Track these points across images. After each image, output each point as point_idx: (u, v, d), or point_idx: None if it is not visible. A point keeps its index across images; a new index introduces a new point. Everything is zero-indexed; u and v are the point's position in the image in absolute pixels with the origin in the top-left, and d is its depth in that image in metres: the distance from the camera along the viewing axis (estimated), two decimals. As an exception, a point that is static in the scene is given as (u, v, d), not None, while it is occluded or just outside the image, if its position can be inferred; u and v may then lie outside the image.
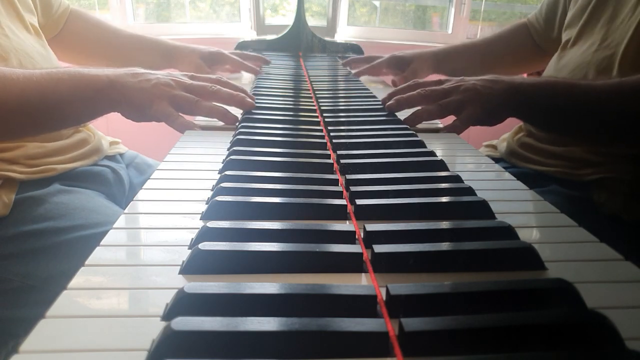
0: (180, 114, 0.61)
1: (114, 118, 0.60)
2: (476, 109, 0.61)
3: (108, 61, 0.98)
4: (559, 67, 0.74)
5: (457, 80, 0.64)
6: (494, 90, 0.61)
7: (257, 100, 0.72)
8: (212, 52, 0.98)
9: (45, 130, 0.63)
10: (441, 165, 0.47)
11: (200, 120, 0.65)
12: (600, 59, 0.66)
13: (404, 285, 0.25)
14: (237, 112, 0.65)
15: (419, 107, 0.64)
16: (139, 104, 0.58)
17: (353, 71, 1.06)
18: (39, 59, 0.68)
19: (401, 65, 1.02)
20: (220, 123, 0.63)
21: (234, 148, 0.49)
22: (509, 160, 0.77)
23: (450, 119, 0.65)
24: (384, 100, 0.68)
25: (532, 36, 0.93)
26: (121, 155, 0.81)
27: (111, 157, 0.77)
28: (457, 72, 1.04)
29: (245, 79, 1.04)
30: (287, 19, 1.87)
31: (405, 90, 0.66)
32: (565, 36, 0.78)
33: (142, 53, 0.98)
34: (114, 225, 0.34)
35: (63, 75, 0.57)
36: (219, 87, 0.63)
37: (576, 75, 0.69)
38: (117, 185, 0.73)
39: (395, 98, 0.66)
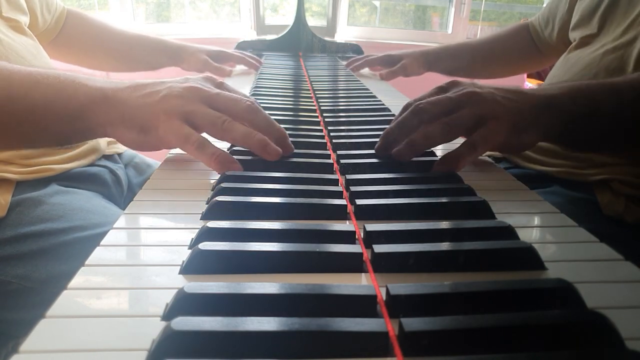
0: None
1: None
2: (501, 126, 0.45)
3: (111, 61, 0.99)
4: (567, 67, 0.74)
5: (465, 87, 0.49)
6: (520, 105, 0.47)
7: (257, 100, 0.72)
8: (217, 51, 1.06)
9: (14, 143, 0.50)
10: (441, 165, 0.47)
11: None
12: (610, 60, 0.65)
13: (404, 285, 0.25)
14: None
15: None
16: (140, 124, 0.44)
17: (349, 68, 1.10)
18: (30, 59, 0.67)
19: (392, 62, 1.05)
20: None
21: (234, 148, 0.49)
22: (511, 160, 0.77)
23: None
24: (382, 146, 0.49)
25: (532, 38, 0.94)
26: (119, 155, 0.81)
27: (109, 157, 0.77)
28: (450, 72, 1.07)
29: (246, 82, 1.04)
30: (287, 19, 1.87)
31: (405, 125, 0.48)
32: (572, 37, 0.78)
33: (146, 52, 1.00)
34: (114, 225, 0.34)
35: (47, 77, 0.45)
36: (257, 105, 0.47)
37: (585, 76, 0.68)
38: (115, 185, 0.73)
39: (406, 142, 0.46)
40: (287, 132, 0.49)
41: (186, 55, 1.02)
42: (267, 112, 0.65)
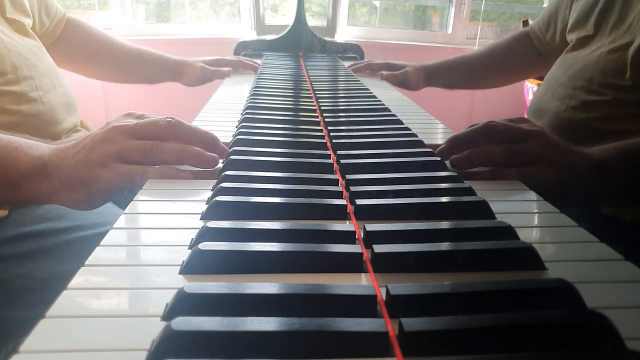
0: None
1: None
2: (553, 173, 0.46)
3: (109, 70, 1.01)
4: (564, 68, 0.74)
5: (535, 125, 0.50)
6: (577, 164, 0.47)
7: (257, 100, 0.72)
8: (214, 59, 1.09)
9: None
10: (441, 165, 0.47)
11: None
12: (606, 62, 0.66)
13: (404, 285, 0.25)
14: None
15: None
16: (80, 183, 0.42)
17: (351, 69, 1.11)
18: (34, 60, 0.68)
19: (394, 69, 1.06)
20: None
21: (234, 148, 0.49)
22: None
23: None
24: (447, 150, 0.50)
25: (533, 43, 0.95)
26: None
27: None
28: (451, 85, 1.07)
29: (245, 83, 1.04)
30: (287, 19, 1.87)
31: (472, 137, 0.49)
32: (569, 38, 0.78)
33: (145, 66, 1.02)
34: (114, 225, 0.34)
35: None
36: (177, 120, 0.46)
37: (581, 77, 0.68)
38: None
39: (466, 153, 0.47)
40: (287, 132, 0.48)
41: (185, 68, 1.04)
42: (267, 111, 0.65)
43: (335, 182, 0.42)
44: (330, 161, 0.47)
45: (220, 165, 0.45)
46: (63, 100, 0.73)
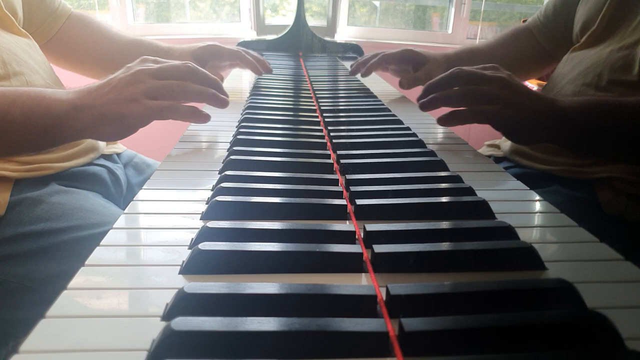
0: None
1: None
2: (509, 114, 0.52)
3: (101, 70, 0.97)
4: (571, 65, 0.74)
5: (501, 72, 0.56)
6: (537, 107, 0.53)
7: (257, 100, 0.72)
8: (204, 47, 0.88)
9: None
10: (441, 165, 0.47)
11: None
12: (615, 59, 0.66)
13: (404, 285, 0.25)
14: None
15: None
16: (114, 116, 0.50)
17: (362, 71, 0.93)
18: (24, 57, 0.67)
19: (415, 62, 0.91)
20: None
21: (234, 148, 0.49)
22: (512, 159, 0.77)
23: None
24: (420, 98, 0.59)
25: (538, 41, 0.91)
26: (118, 154, 0.81)
27: (108, 157, 0.77)
28: None
29: (245, 82, 1.04)
30: (287, 19, 1.87)
31: (440, 82, 0.58)
32: (577, 37, 0.78)
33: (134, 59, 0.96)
34: (114, 225, 0.34)
35: (21, 96, 0.50)
36: (194, 65, 0.56)
37: (591, 73, 0.68)
38: (115, 185, 0.73)
39: (432, 97, 0.57)
40: (287, 132, 0.49)
41: (172, 59, 0.94)
42: (267, 111, 0.65)
43: (335, 182, 0.42)
44: (330, 161, 0.47)
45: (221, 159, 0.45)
46: None
